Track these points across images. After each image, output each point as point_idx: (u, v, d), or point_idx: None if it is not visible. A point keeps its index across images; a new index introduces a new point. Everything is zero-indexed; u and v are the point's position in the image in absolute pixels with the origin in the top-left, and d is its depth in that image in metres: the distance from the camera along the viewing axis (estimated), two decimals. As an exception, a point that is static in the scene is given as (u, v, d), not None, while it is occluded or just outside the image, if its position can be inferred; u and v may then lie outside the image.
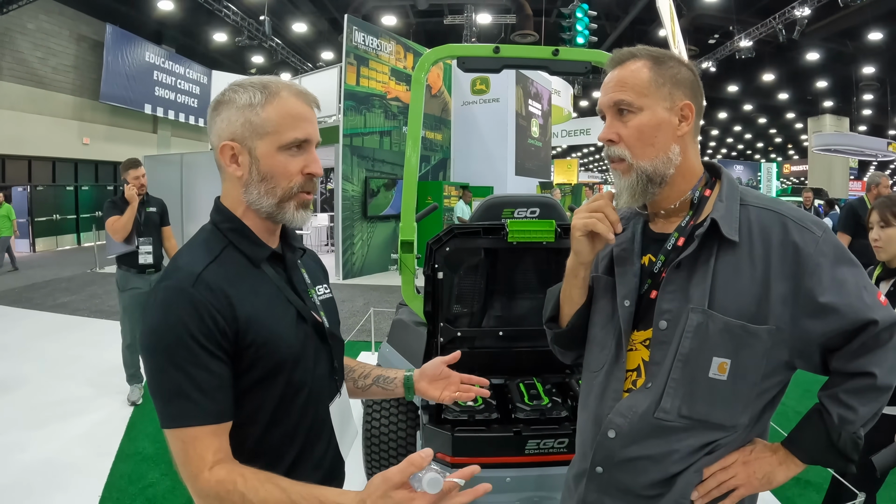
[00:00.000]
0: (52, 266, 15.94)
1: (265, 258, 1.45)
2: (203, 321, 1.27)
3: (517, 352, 3.36)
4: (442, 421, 2.82)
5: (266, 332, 1.36)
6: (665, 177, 1.46)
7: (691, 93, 1.47)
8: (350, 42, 13.34)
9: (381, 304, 9.97)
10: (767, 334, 1.37)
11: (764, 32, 21.91)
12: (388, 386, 1.82)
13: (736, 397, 1.41)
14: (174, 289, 1.29)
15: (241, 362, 1.33)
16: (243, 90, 1.39)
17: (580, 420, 1.69)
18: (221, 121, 1.40)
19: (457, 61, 3.35)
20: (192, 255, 1.38)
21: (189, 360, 1.25)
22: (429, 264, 3.10)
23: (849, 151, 32.49)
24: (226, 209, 1.45)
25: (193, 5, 21.57)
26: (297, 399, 1.44)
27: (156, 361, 1.27)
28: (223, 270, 1.36)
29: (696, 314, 1.40)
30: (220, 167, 1.44)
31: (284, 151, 1.39)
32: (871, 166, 39.07)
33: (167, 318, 1.27)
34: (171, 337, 1.25)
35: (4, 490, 4.08)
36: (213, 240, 1.43)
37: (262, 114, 1.37)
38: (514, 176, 17.27)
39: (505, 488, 2.71)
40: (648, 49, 1.49)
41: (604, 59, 3.44)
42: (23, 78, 20.76)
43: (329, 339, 1.56)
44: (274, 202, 1.40)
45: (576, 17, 15.65)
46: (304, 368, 1.45)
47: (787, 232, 1.38)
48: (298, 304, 1.48)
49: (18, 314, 10.06)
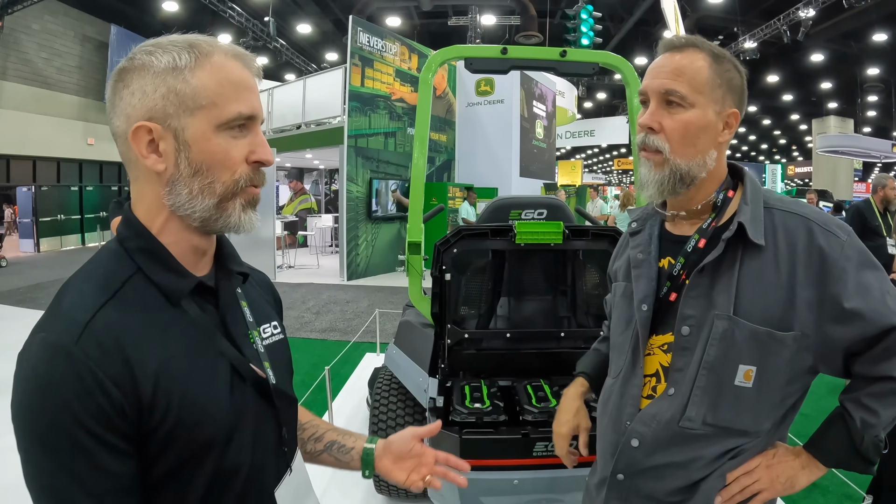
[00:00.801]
0: (56, 266, 15.92)
1: (187, 292, 1.06)
2: (91, 397, 0.89)
3: (524, 353, 3.35)
4: (450, 423, 2.81)
5: (185, 404, 0.98)
6: (696, 179, 1.42)
7: (739, 101, 1.43)
8: (355, 43, 13.32)
9: (386, 305, 9.96)
10: (793, 340, 1.34)
11: (768, 34, 21.88)
12: (342, 457, 1.43)
13: (760, 404, 1.39)
14: (51, 346, 0.92)
15: (150, 447, 0.96)
16: (163, 51, 1.00)
17: (599, 426, 1.66)
18: (132, 94, 1.00)
19: (464, 62, 3.35)
20: (80, 291, 1.00)
21: (75, 458, 0.89)
22: (436, 266, 3.09)
23: (853, 153, 32.42)
24: (135, 220, 1.06)
25: (198, 6, 21.60)
26: (230, 488, 1.06)
27: (29, 452, 0.92)
28: (122, 314, 0.97)
29: (722, 321, 1.36)
30: (128, 161, 1.05)
31: (224, 132, 1.02)
32: (875, 168, 39.03)
33: (41, 391, 0.90)
34: (45, 422, 0.89)
35: (8, 490, 4.07)
36: (114, 265, 1.04)
37: (193, 80, 0.99)
38: (518, 177, 17.26)
39: (512, 491, 2.70)
40: (709, 43, 1.43)
41: (612, 60, 3.45)
42: (28, 78, 20.84)
43: (276, 401, 1.16)
44: (212, 203, 1.03)
45: (581, 18, 15.67)
46: (240, 445, 1.07)
47: (813, 236, 1.34)
48: (233, 357, 1.09)
49: (23, 314, 10.03)
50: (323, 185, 24.00)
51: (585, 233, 3.15)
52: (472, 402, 2.91)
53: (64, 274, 14.09)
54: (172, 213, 1.04)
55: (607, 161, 65.29)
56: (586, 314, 3.55)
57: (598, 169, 70.15)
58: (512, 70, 3.42)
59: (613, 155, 58.36)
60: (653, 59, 1.48)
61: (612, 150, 56.02)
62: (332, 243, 18.58)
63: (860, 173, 36.34)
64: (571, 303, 3.58)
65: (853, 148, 31.77)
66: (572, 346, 3.38)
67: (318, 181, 24.36)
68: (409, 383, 3.28)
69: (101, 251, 1.09)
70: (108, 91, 1.04)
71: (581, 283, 3.54)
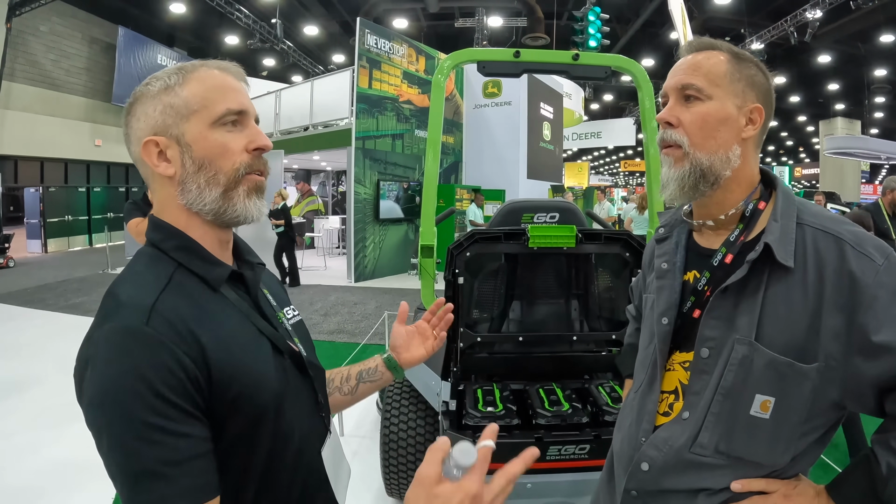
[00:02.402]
0: (64, 267, 16.00)
1: (225, 279, 1.18)
2: (170, 371, 0.97)
3: (537, 357, 3.35)
4: (463, 426, 2.82)
5: (243, 374, 1.09)
6: (720, 177, 1.36)
7: (764, 99, 1.38)
8: (363, 45, 13.35)
9: (394, 307, 9.94)
10: (816, 372, 1.24)
11: (775, 35, 21.84)
12: (373, 377, 1.61)
13: (777, 437, 1.30)
14: (122, 331, 0.99)
15: (217, 414, 1.05)
16: (156, 79, 1.16)
17: (615, 438, 1.63)
18: (137, 120, 1.15)
19: (477, 65, 3.35)
20: (134, 285, 1.09)
21: (156, 427, 0.95)
22: (449, 269, 3.09)
23: (861, 154, 32.31)
24: (165, 224, 1.17)
25: (205, 8, 21.70)
26: (287, 451, 1.18)
27: (110, 432, 0.96)
28: (179, 300, 1.07)
29: (742, 346, 1.29)
30: (147, 177, 1.19)
31: (219, 128, 1.15)
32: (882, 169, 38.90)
33: (118, 372, 0.96)
34: (126, 397, 0.94)
35: (18, 491, 4.10)
36: (157, 264, 1.13)
37: (183, 92, 1.14)
38: (525, 179, 17.26)
39: (526, 494, 2.70)
40: (730, 45, 1.41)
41: (624, 63, 3.45)
42: (35, 80, 20.95)
43: (309, 370, 1.31)
44: (218, 193, 1.15)
45: (588, 20, 15.63)
46: (289, 411, 1.18)
47: (845, 259, 1.24)
48: (271, 334, 1.22)
49: (31, 314, 10.10)
50: (330, 187, 24.04)
51: (598, 236, 3.15)
52: (485, 405, 2.91)
53: (72, 274, 14.24)
54: (191, 212, 1.16)
55: (614, 163, 65.24)
56: (598, 318, 3.55)
57: (605, 171, 70.04)
58: (524, 73, 3.42)
59: (620, 157, 58.34)
60: (660, 61, 1.44)
61: (618, 152, 56.00)
62: (339, 245, 18.63)
63: (867, 175, 36.25)
64: (583, 306, 3.58)
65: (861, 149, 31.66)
66: (584, 350, 3.39)
67: (325, 183, 24.41)
68: (422, 387, 3.28)
69: (138, 257, 1.18)
70: (123, 125, 1.19)
71: (593, 286, 3.54)
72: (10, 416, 5.44)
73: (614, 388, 3.10)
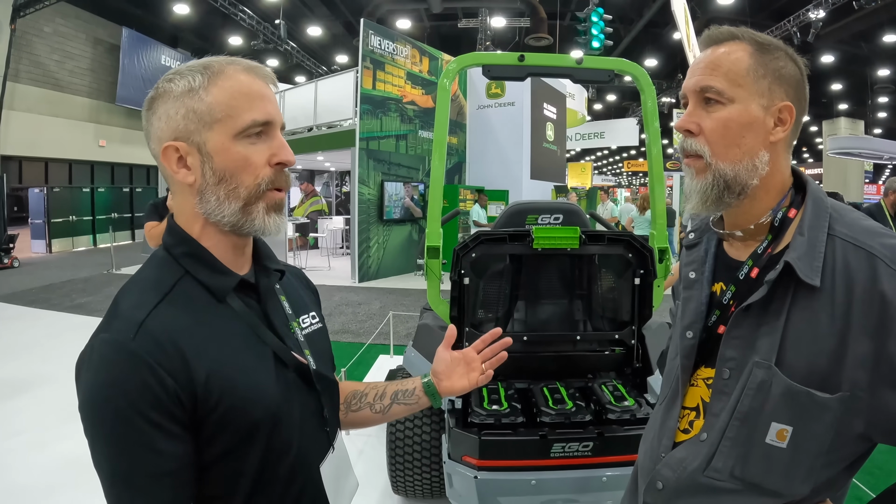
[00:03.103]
0: (68, 267, 16.06)
1: (231, 289, 1.17)
2: (149, 388, 0.99)
3: (541, 356, 3.40)
4: (469, 424, 2.86)
5: (235, 390, 1.08)
6: (746, 187, 1.23)
7: (795, 94, 1.24)
8: (366, 46, 13.40)
9: (398, 307, 9.99)
10: (839, 403, 1.12)
11: (778, 35, 21.73)
12: (409, 400, 1.55)
13: (796, 467, 1.18)
14: (111, 344, 1.01)
15: (204, 430, 1.06)
16: (180, 76, 1.12)
17: (640, 450, 1.56)
18: (158, 119, 1.12)
19: (482, 69, 3.39)
20: (135, 293, 1.10)
21: (134, 441, 0.99)
22: (455, 270, 3.13)
23: (864, 154, 32.17)
24: (179, 228, 1.17)
25: (209, 9, 21.73)
26: (280, 465, 1.17)
27: (94, 437, 1.01)
28: (175, 312, 1.08)
29: (760, 370, 1.18)
30: (166, 177, 1.16)
31: (243, 140, 1.11)
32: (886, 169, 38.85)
33: (103, 385, 0.99)
34: (108, 410, 0.98)
35: (26, 489, 4.14)
36: (164, 270, 1.14)
37: (207, 98, 1.10)
38: (529, 180, 17.28)
39: (530, 491, 2.75)
40: (753, 33, 1.26)
41: (627, 67, 3.49)
42: (40, 81, 21.01)
43: (317, 384, 1.28)
44: (238, 206, 1.12)
45: (591, 21, 15.68)
46: (287, 426, 1.17)
47: (877, 278, 1.10)
48: (276, 345, 1.20)
49: (36, 314, 10.16)
50: (334, 188, 24.07)
51: (601, 238, 3.19)
52: (490, 404, 2.96)
53: (76, 274, 14.29)
54: (207, 221, 1.15)
55: (617, 163, 65.13)
56: (601, 318, 3.59)
57: (609, 171, 69.95)
58: (529, 77, 3.46)
59: (623, 157, 58.23)
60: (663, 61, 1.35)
61: (622, 153, 55.93)
62: (343, 245, 18.65)
63: (871, 175, 36.18)
64: (587, 306, 3.63)
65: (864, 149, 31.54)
66: (588, 350, 3.43)
67: (329, 183, 24.43)
68: (427, 385, 3.32)
69: (151, 259, 1.19)
70: (143, 119, 1.17)
71: (596, 287, 3.58)
72: (19, 415, 5.48)
73: (617, 386, 3.14)
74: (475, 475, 2.73)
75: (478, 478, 2.72)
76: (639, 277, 3.24)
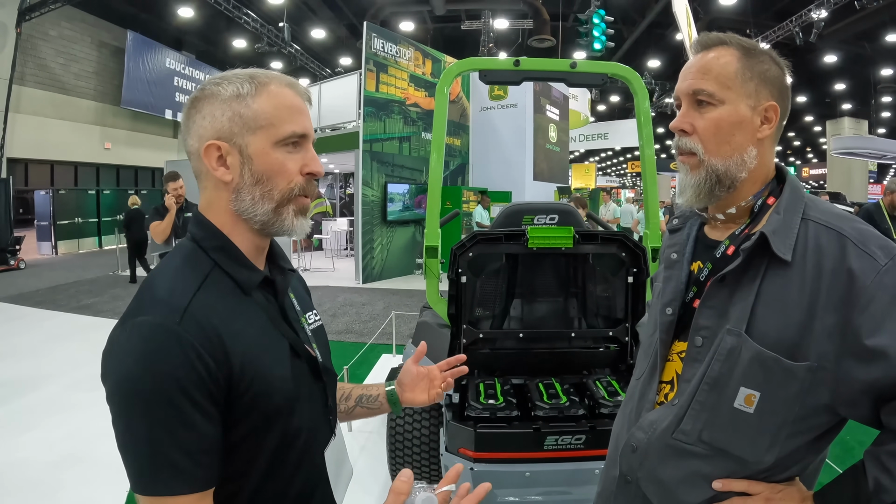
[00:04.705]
0: (74, 269, 16.18)
1: (257, 284, 1.25)
2: (195, 370, 1.05)
3: (536, 353, 3.49)
4: (465, 418, 2.94)
5: (262, 376, 1.16)
6: (735, 180, 1.34)
7: (779, 94, 1.34)
8: (369, 49, 13.49)
9: (401, 307, 10.08)
10: (806, 372, 1.20)
11: (781, 35, 21.84)
12: (372, 405, 1.68)
13: (761, 434, 1.26)
14: (157, 327, 1.06)
15: (233, 413, 1.12)
16: (228, 82, 1.20)
17: (616, 425, 1.63)
18: (203, 118, 1.20)
19: (478, 74, 3.47)
20: (173, 281, 1.16)
21: (175, 420, 1.03)
22: (453, 269, 3.21)
23: (868, 154, 32.21)
24: (210, 224, 1.24)
25: (213, 12, 21.80)
26: (292, 449, 1.25)
27: (130, 417, 1.04)
28: (212, 301, 1.14)
29: (731, 337, 1.26)
30: (200, 174, 1.24)
31: (281, 148, 1.21)
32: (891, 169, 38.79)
33: (150, 366, 1.03)
34: (154, 390, 1.02)
35: (34, 486, 4.22)
36: (195, 261, 1.21)
37: (254, 105, 1.19)
38: (532, 181, 17.34)
39: (524, 483, 2.82)
40: (740, 38, 1.36)
41: (620, 70, 3.56)
42: (45, 84, 21.13)
43: (323, 375, 1.38)
44: (271, 207, 1.21)
45: (592, 22, 15.72)
46: (299, 413, 1.25)
47: (845, 256, 1.19)
48: (292, 338, 1.29)
49: (42, 315, 10.25)
50: (338, 189, 24.14)
51: (595, 237, 3.27)
52: (487, 398, 3.04)
53: (82, 276, 14.39)
54: (239, 217, 1.22)
55: (621, 164, 65.05)
56: (596, 315, 3.67)
57: (612, 172, 69.84)
58: (524, 81, 3.53)
59: (627, 158, 58.18)
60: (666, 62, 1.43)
61: (625, 153, 55.92)
62: (347, 246, 18.72)
63: (875, 175, 36.14)
64: (581, 304, 3.71)
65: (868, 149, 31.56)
66: (582, 346, 3.51)
67: (334, 185, 24.50)
68: (426, 381, 3.39)
69: (178, 250, 1.26)
70: (182, 116, 1.25)
71: (591, 285, 3.66)
72: (27, 413, 5.58)
73: (611, 382, 3.21)
74: (471, 467, 2.81)
75: (474, 469, 2.80)
76: (632, 276, 3.31)
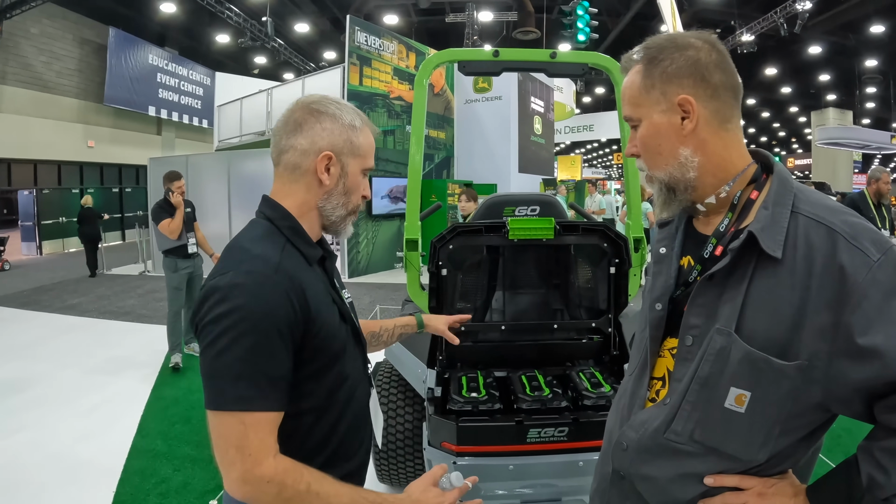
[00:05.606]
0: (58, 269, 16.07)
1: (318, 259, 1.55)
2: (287, 312, 1.33)
3: (519, 345, 3.46)
4: (447, 412, 2.91)
5: (329, 325, 1.46)
6: (687, 182, 1.35)
7: (691, 81, 1.29)
8: (353, 42, 13.43)
9: (387, 301, 10.03)
10: (797, 371, 1.18)
11: (766, 26, 21.91)
12: (406, 331, 2.30)
13: (754, 432, 1.25)
14: (261, 274, 1.34)
15: (304, 352, 1.39)
16: (344, 111, 1.55)
17: (609, 420, 1.62)
18: (323, 129, 1.51)
19: (458, 65, 3.43)
20: (260, 245, 1.43)
21: (267, 348, 1.29)
22: (433, 262, 3.17)
23: (852, 145, 32.44)
24: (282, 206, 1.52)
25: (195, 7, 21.67)
26: (341, 391, 1.53)
27: (230, 341, 1.28)
28: (293, 262, 1.43)
29: (721, 336, 1.25)
30: (297, 167, 1.52)
31: (361, 174, 1.59)
32: (875, 159, 38.99)
33: (257, 303, 1.30)
34: (257, 323, 1.29)
35: (19, 486, 4.18)
36: (272, 234, 1.48)
37: (360, 137, 1.55)
38: (517, 173, 17.32)
39: (508, 476, 2.80)
40: (648, 46, 1.35)
41: (601, 60, 3.53)
42: (27, 82, 20.96)
43: (361, 339, 1.70)
44: (344, 213, 1.58)
45: (577, 14, 15.71)
46: (348, 362, 1.56)
47: (836, 252, 1.15)
48: (341, 304, 1.58)
49: (28, 316, 10.16)
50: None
51: (576, 228, 3.24)
52: (469, 391, 3.00)
53: (67, 276, 14.24)
54: (317, 210, 1.56)
55: (607, 156, 65.11)
56: (578, 307, 3.65)
57: (598, 163, 69.89)
58: (504, 72, 3.51)
59: (613, 149, 58.23)
60: None
61: (611, 145, 55.98)
62: (333, 241, 18.60)
63: (860, 165, 36.32)
64: (564, 296, 3.68)
65: (852, 140, 31.77)
66: (565, 338, 3.48)
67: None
68: (409, 375, 3.36)
69: (255, 226, 1.53)
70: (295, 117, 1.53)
71: (573, 276, 3.64)
72: (12, 415, 5.52)
73: (594, 374, 3.18)
74: (454, 461, 2.78)
75: (456, 463, 2.77)
76: (614, 267, 3.28)
